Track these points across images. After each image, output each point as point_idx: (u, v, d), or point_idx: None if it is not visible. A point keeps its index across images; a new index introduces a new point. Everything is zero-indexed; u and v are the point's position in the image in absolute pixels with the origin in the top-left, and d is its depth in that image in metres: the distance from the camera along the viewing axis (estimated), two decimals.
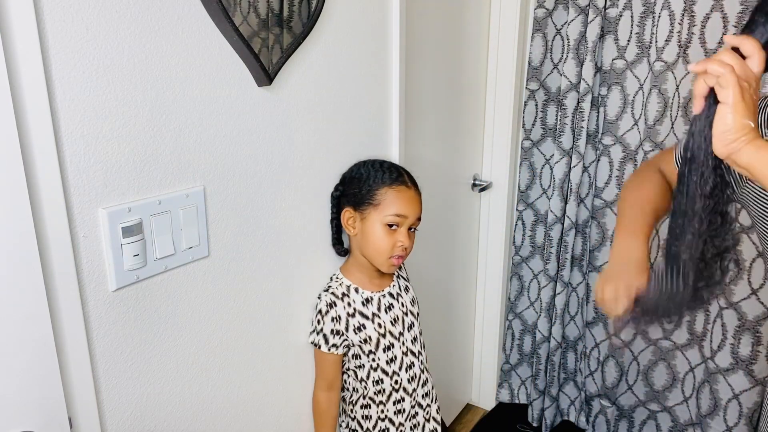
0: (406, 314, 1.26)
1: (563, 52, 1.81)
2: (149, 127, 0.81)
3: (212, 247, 0.94)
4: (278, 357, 1.12)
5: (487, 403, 2.24)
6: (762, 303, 1.60)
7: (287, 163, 1.06)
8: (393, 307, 1.24)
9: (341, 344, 1.17)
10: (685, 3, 1.57)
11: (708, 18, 1.55)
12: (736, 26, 1.52)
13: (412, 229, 1.18)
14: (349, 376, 1.23)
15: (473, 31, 1.77)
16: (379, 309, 1.21)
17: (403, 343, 1.24)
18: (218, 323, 0.98)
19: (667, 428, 1.90)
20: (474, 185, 1.96)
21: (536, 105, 1.93)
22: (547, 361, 2.06)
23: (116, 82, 0.76)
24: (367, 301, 1.20)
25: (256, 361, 1.07)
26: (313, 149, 1.11)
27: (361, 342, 1.18)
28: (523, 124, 1.96)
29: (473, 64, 1.81)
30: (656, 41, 1.64)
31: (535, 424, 2.13)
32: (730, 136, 0.64)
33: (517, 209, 2.05)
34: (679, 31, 1.60)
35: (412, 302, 1.30)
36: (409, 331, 1.26)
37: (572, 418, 2.09)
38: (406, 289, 1.30)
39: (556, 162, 1.87)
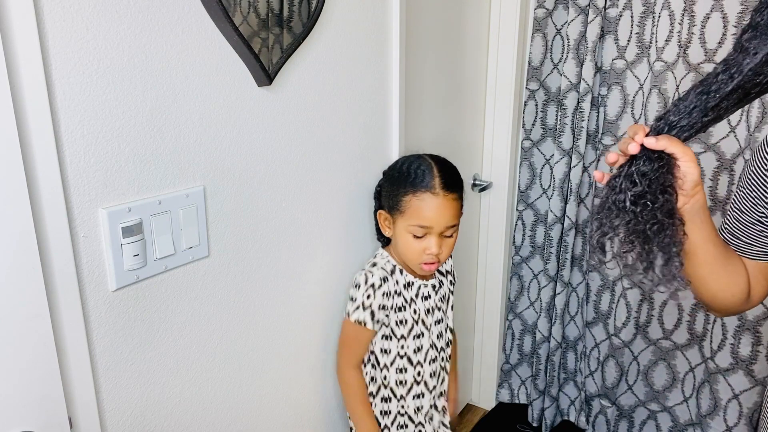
0: (438, 309, 1.26)
1: (563, 52, 1.81)
2: (149, 127, 0.81)
3: (212, 247, 0.94)
4: (278, 357, 1.12)
5: (487, 403, 2.24)
6: (762, 303, 1.60)
7: (287, 163, 1.06)
8: (430, 297, 1.23)
9: (383, 321, 1.16)
10: (685, 3, 1.57)
11: (708, 18, 1.55)
12: (736, 26, 1.52)
13: (448, 235, 1.13)
14: (369, 361, 1.22)
15: (473, 31, 1.77)
16: (417, 295, 1.20)
17: (431, 335, 1.24)
18: (218, 323, 0.98)
19: (667, 428, 1.90)
20: (474, 185, 1.96)
21: (536, 105, 1.93)
22: (547, 361, 2.06)
23: (116, 82, 0.76)
24: (408, 285, 1.19)
25: (256, 361, 1.07)
26: (313, 149, 1.11)
27: (397, 323, 1.17)
28: (523, 124, 1.96)
29: (473, 64, 1.81)
30: (656, 41, 1.64)
31: (535, 424, 2.13)
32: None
33: (517, 209, 2.05)
34: (679, 31, 1.60)
35: (443, 298, 1.29)
36: (437, 325, 1.25)
37: (572, 418, 2.09)
38: (441, 283, 1.29)
39: (556, 162, 1.87)
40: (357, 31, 1.17)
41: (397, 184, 1.13)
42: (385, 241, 1.25)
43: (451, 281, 1.33)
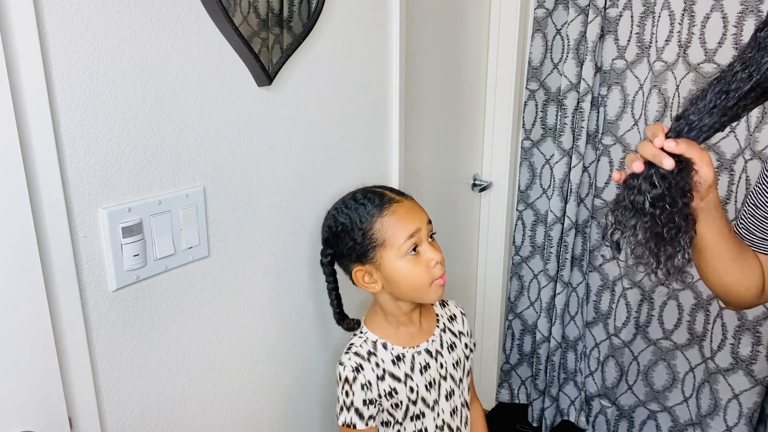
0: (445, 378, 1.04)
1: (563, 52, 1.81)
2: (149, 127, 0.81)
3: (212, 247, 0.94)
4: (278, 357, 1.12)
5: (487, 403, 2.24)
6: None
7: (287, 163, 1.06)
8: (430, 367, 1.03)
9: (377, 413, 0.99)
10: (685, 3, 1.57)
11: (708, 18, 1.55)
12: (736, 26, 1.52)
13: (432, 237, 1.00)
14: None
15: (473, 31, 1.77)
16: (412, 369, 1.01)
17: (439, 414, 1.03)
18: (218, 323, 0.98)
19: (667, 428, 1.90)
20: (474, 185, 1.96)
21: (536, 105, 1.93)
22: (547, 361, 2.06)
23: (116, 82, 0.76)
24: (398, 359, 1.00)
25: (256, 361, 1.07)
26: (313, 149, 1.11)
27: (392, 408, 1.00)
28: (523, 124, 1.96)
29: (473, 64, 1.81)
30: (656, 41, 1.64)
31: (535, 424, 2.13)
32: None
33: (517, 209, 2.05)
34: (679, 31, 1.60)
35: (457, 364, 1.07)
36: (447, 400, 1.04)
37: (572, 418, 2.09)
38: (452, 347, 1.07)
39: (556, 162, 1.87)
40: (357, 31, 1.17)
41: (356, 228, 0.96)
42: (354, 324, 1.06)
43: (466, 344, 1.11)
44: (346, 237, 0.98)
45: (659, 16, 1.62)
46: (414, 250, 0.95)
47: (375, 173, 1.29)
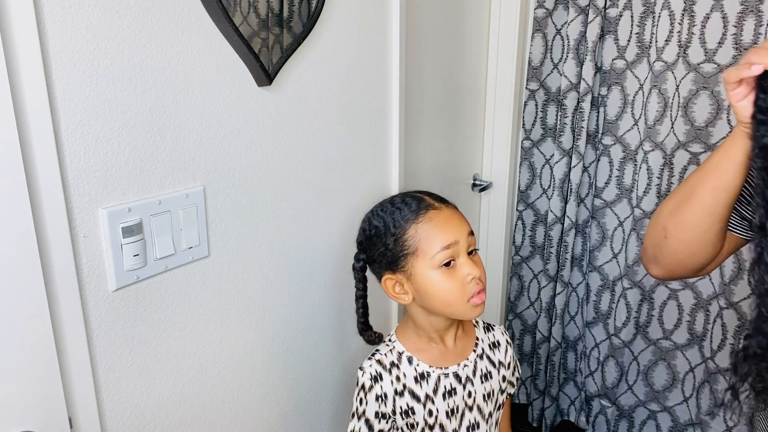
0: (471, 409, 0.96)
1: (563, 52, 1.81)
2: (149, 127, 0.81)
3: (212, 247, 0.94)
4: (278, 357, 1.13)
5: None
6: None
7: (287, 163, 1.06)
8: (455, 393, 0.95)
9: (389, 429, 0.94)
10: (685, 3, 1.57)
11: (708, 18, 1.55)
12: (736, 26, 1.52)
13: (473, 251, 0.92)
14: None
15: (473, 31, 1.77)
16: (435, 391, 0.94)
17: None
18: (218, 323, 0.98)
19: (667, 428, 1.90)
20: (474, 185, 1.96)
21: (536, 105, 1.93)
22: (547, 361, 2.06)
23: (116, 82, 0.76)
24: (421, 377, 0.94)
25: (257, 361, 1.07)
26: (312, 149, 1.11)
27: (406, 427, 0.95)
28: (523, 124, 1.96)
29: (473, 64, 1.81)
30: (656, 41, 1.64)
31: (535, 424, 2.13)
32: None
33: (517, 209, 2.05)
34: (679, 31, 1.60)
35: (488, 396, 0.98)
36: None
37: (572, 418, 2.09)
38: (487, 376, 0.98)
39: (556, 162, 1.87)
40: (357, 30, 1.17)
41: (389, 232, 0.91)
42: (376, 338, 0.99)
43: (504, 377, 1.02)
44: (378, 242, 0.93)
45: (659, 16, 1.62)
46: (450, 263, 0.88)
47: (375, 173, 1.29)
